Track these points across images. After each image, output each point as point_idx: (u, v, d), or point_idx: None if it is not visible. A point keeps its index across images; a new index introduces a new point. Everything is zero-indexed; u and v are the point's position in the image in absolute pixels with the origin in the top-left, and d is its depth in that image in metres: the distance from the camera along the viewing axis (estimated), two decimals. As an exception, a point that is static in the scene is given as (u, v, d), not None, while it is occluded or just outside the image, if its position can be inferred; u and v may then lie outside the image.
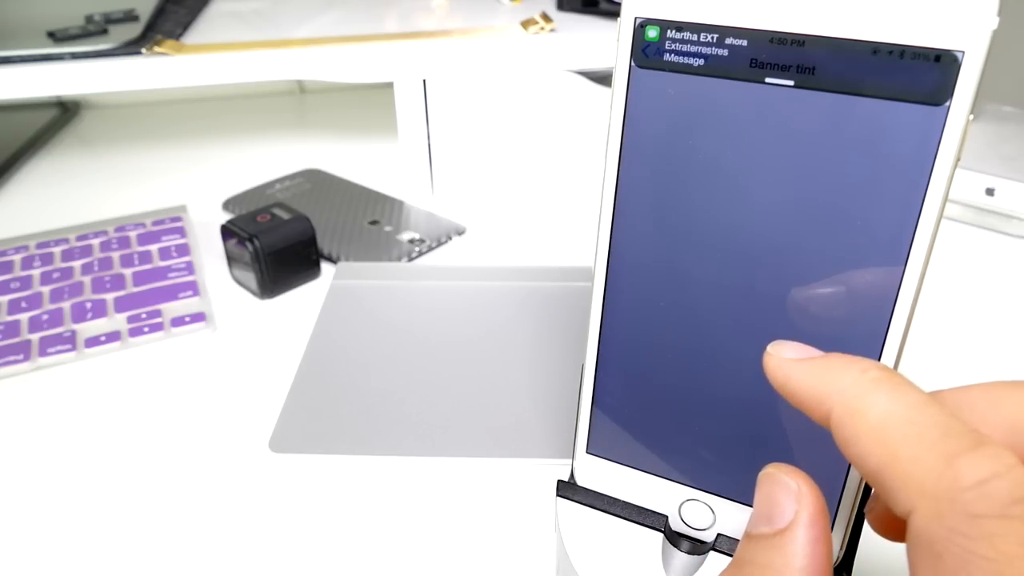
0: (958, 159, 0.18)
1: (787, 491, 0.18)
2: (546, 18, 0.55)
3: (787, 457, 0.22)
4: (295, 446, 0.34)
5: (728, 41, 0.19)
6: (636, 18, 0.20)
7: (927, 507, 0.14)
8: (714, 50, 0.19)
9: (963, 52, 0.17)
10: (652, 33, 0.20)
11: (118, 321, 0.43)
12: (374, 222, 0.53)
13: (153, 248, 0.49)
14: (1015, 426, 0.17)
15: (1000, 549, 0.13)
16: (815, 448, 0.21)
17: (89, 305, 0.44)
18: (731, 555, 0.23)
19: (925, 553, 0.14)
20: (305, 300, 0.46)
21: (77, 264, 0.47)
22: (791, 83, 0.19)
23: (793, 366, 0.17)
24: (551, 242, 0.51)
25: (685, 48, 0.20)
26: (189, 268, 0.47)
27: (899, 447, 0.15)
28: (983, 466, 0.13)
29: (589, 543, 0.24)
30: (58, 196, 0.59)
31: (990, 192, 0.50)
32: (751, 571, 0.18)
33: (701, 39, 0.19)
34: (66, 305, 0.44)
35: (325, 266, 0.49)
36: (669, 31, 0.20)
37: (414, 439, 0.34)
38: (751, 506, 0.23)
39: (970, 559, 0.13)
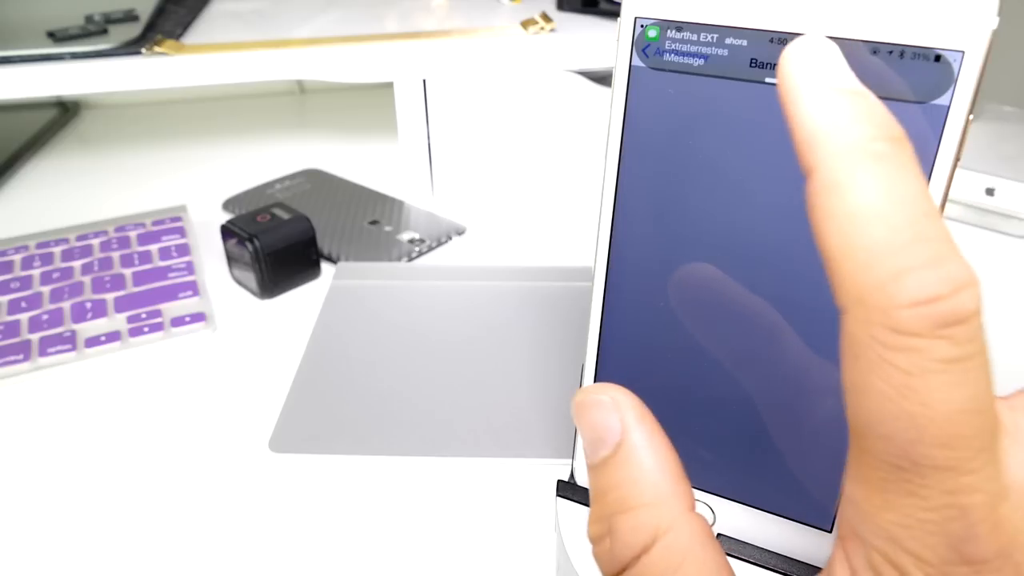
0: (958, 159, 0.18)
1: (603, 407, 0.18)
2: (546, 18, 0.55)
3: (787, 457, 0.22)
4: (295, 446, 0.34)
5: (728, 41, 0.19)
6: (636, 18, 0.20)
7: (859, 313, 0.14)
8: (714, 50, 0.19)
9: (963, 52, 0.17)
10: (652, 33, 0.20)
11: (118, 321, 0.43)
12: (374, 222, 0.53)
13: (153, 248, 0.49)
14: None
15: (915, 362, 0.13)
16: (815, 448, 0.21)
17: (89, 305, 0.44)
18: (732, 555, 0.23)
19: (846, 350, 0.14)
20: (305, 300, 0.46)
21: (77, 264, 0.47)
22: (791, 83, 0.19)
23: (806, 92, 0.15)
24: (551, 242, 0.51)
25: (685, 48, 0.20)
26: (189, 268, 0.47)
27: (859, 244, 0.14)
28: (929, 287, 0.13)
29: (589, 543, 0.24)
30: (58, 196, 0.59)
31: (990, 192, 0.50)
32: (612, 496, 0.17)
33: (701, 39, 0.19)
34: (66, 305, 0.44)
35: (325, 266, 0.49)
36: (669, 31, 0.20)
37: (414, 439, 0.34)
38: (752, 506, 0.23)
39: (882, 366, 0.13)
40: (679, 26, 0.20)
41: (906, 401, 0.13)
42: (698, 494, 0.24)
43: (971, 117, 0.18)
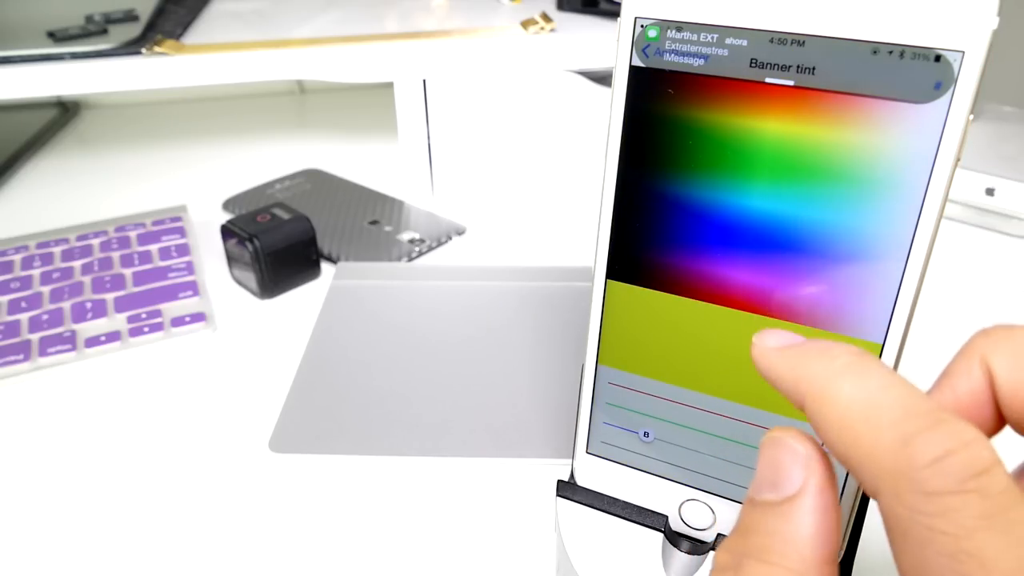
0: (958, 159, 0.18)
1: (795, 456, 0.17)
2: (546, 18, 0.55)
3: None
4: (295, 446, 0.34)
5: (728, 41, 0.19)
6: (636, 18, 0.20)
7: (888, 488, 0.14)
8: (714, 50, 0.19)
9: (963, 52, 0.17)
10: (652, 33, 0.20)
11: (118, 321, 0.43)
12: (374, 222, 0.53)
13: (153, 248, 0.49)
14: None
15: (958, 523, 0.13)
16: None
17: (89, 305, 0.44)
18: None
19: (894, 533, 0.14)
20: (305, 300, 0.46)
21: (77, 264, 0.47)
22: (791, 83, 0.19)
23: (774, 354, 0.17)
24: (551, 242, 0.51)
25: (685, 48, 0.20)
26: (189, 268, 0.47)
27: (861, 431, 0.15)
28: (939, 443, 0.14)
29: (589, 543, 0.24)
30: (58, 196, 0.59)
31: (990, 192, 0.50)
32: (757, 540, 0.17)
33: (701, 39, 0.19)
34: (66, 305, 0.44)
35: (325, 266, 0.49)
36: (669, 31, 0.20)
37: (414, 439, 0.34)
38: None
39: (931, 536, 0.13)
40: (679, 26, 0.20)
41: (964, 566, 0.13)
42: (698, 494, 0.24)
43: (971, 117, 0.18)
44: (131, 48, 0.52)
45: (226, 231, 0.45)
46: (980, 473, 0.13)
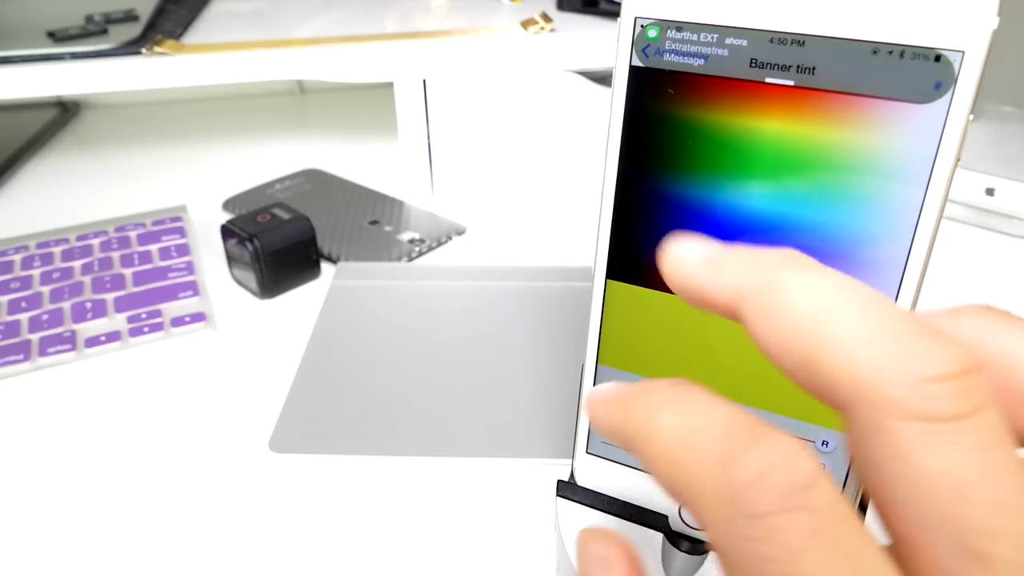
0: (958, 159, 0.18)
1: (595, 561, 0.17)
2: (546, 18, 0.55)
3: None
4: (295, 446, 0.34)
5: (728, 41, 0.19)
6: (636, 18, 0.20)
7: (713, 517, 0.13)
8: (714, 50, 0.19)
9: (963, 52, 0.17)
10: (652, 33, 0.20)
11: (118, 321, 0.43)
12: (374, 222, 0.53)
13: (153, 248, 0.49)
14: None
15: (784, 546, 0.12)
16: (815, 446, 0.21)
17: (89, 305, 0.44)
18: None
19: (726, 567, 0.13)
20: (305, 300, 0.46)
21: (77, 264, 0.47)
22: (791, 83, 0.19)
23: (601, 411, 0.16)
24: (551, 242, 0.51)
25: (685, 48, 0.20)
26: (189, 268, 0.47)
27: (682, 460, 0.13)
28: (757, 461, 0.12)
29: (589, 543, 0.24)
30: (58, 196, 0.59)
31: (990, 192, 0.50)
32: None
33: (701, 39, 0.19)
34: (66, 305, 0.44)
35: (325, 266, 0.49)
36: (669, 31, 0.20)
37: (414, 439, 0.34)
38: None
39: (761, 564, 0.12)
40: (679, 26, 0.20)
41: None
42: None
43: (971, 117, 0.18)
44: (131, 48, 0.52)
45: (226, 231, 0.45)
46: (802, 487, 0.12)
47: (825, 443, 0.22)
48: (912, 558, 0.13)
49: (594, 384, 0.24)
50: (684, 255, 0.16)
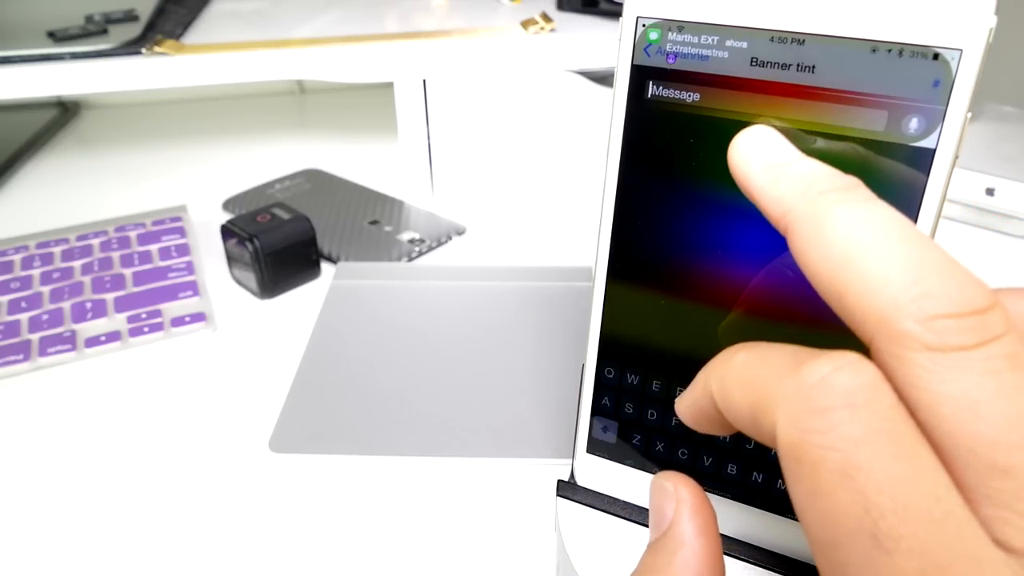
0: (956, 157, 0.18)
1: (665, 494, 0.18)
2: (546, 18, 0.55)
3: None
4: (295, 446, 0.34)
5: (729, 41, 0.19)
6: (638, 18, 0.20)
7: (783, 417, 0.14)
8: (715, 50, 0.19)
9: (961, 50, 0.17)
10: (654, 33, 0.20)
11: (118, 321, 0.43)
12: (374, 222, 0.53)
13: (153, 248, 0.49)
14: None
15: (846, 437, 0.13)
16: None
17: (89, 305, 0.44)
18: (731, 555, 0.23)
19: (788, 463, 0.14)
20: (305, 300, 0.46)
21: (77, 264, 0.47)
22: (791, 81, 0.19)
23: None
24: (551, 242, 0.51)
25: (686, 47, 0.20)
26: (189, 268, 0.47)
27: (756, 383, 0.15)
28: (824, 364, 0.13)
29: (589, 543, 0.24)
30: (58, 196, 0.59)
31: (990, 192, 0.50)
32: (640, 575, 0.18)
33: (702, 39, 0.20)
34: (66, 305, 0.44)
35: (325, 266, 0.49)
36: (671, 31, 0.20)
37: (414, 439, 0.34)
38: (751, 505, 0.23)
39: (822, 455, 0.13)
40: (680, 26, 0.20)
41: (854, 482, 0.13)
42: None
43: (969, 116, 0.18)
44: (131, 48, 0.52)
45: (226, 231, 0.45)
46: (865, 387, 0.13)
47: None
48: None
49: (594, 384, 0.24)
50: (752, 151, 0.17)
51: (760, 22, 0.19)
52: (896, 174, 0.19)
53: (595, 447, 0.25)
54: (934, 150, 0.18)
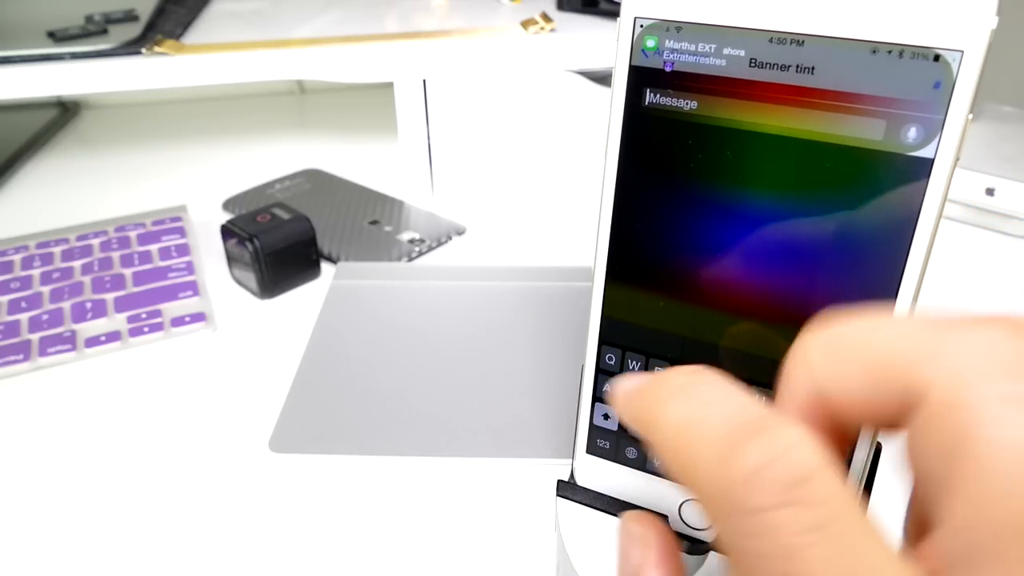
0: (957, 159, 0.18)
1: (632, 539, 0.18)
2: (546, 18, 0.55)
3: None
4: (295, 446, 0.34)
5: (728, 41, 0.19)
6: (636, 18, 0.20)
7: (714, 511, 0.13)
8: (714, 50, 0.19)
9: (962, 52, 0.17)
10: (651, 35, 0.20)
11: (118, 321, 0.43)
12: (374, 222, 0.53)
13: (153, 248, 0.49)
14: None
15: (781, 543, 0.11)
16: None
17: (89, 305, 0.44)
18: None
19: (729, 562, 0.12)
20: (305, 300, 0.46)
21: (77, 264, 0.47)
22: (790, 83, 0.19)
23: (621, 402, 0.16)
24: (551, 242, 0.51)
25: (685, 48, 0.20)
26: (189, 268, 0.47)
27: (685, 452, 0.14)
28: (756, 454, 0.12)
29: (589, 543, 0.24)
30: (58, 196, 0.59)
31: (990, 192, 0.50)
32: None
33: (701, 39, 0.19)
34: (66, 305, 0.44)
35: (325, 266, 0.49)
36: (669, 31, 0.20)
37: (414, 439, 0.34)
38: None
39: (758, 562, 0.12)
40: (679, 26, 0.20)
41: None
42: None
43: (970, 117, 0.18)
44: (131, 48, 0.52)
45: (226, 231, 0.45)
46: (801, 481, 0.12)
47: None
48: None
49: (594, 385, 0.24)
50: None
51: (759, 23, 0.19)
52: (897, 176, 0.19)
53: (595, 447, 0.25)
54: (935, 152, 0.18)
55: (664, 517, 0.24)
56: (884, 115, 0.18)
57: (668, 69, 0.20)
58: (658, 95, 0.20)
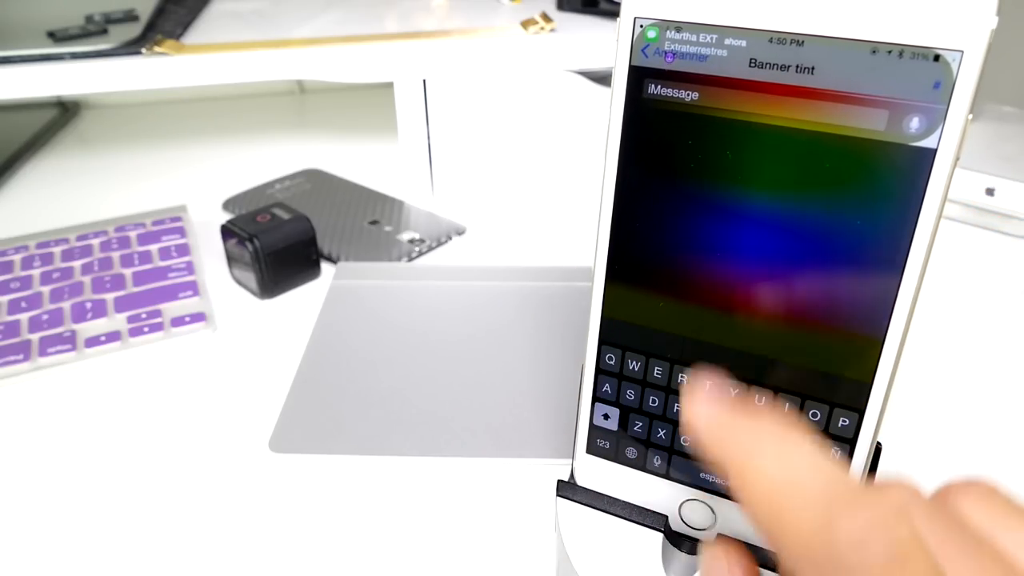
0: (957, 159, 0.18)
1: (719, 569, 0.18)
2: (546, 18, 0.55)
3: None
4: (295, 446, 0.34)
5: (727, 41, 0.19)
6: (636, 18, 0.20)
7: (810, 568, 0.14)
8: (713, 50, 0.19)
9: (962, 52, 0.17)
10: (652, 33, 0.20)
11: (118, 321, 0.43)
12: (374, 222, 0.53)
13: (153, 248, 0.49)
14: None
15: None
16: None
17: (89, 305, 0.44)
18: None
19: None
20: (305, 300, 0.46)
21: (77, 264, 0.47)
22: (790, 83, 0.19)
23: (706, 435, 0.17)
24: (551, 242, 0.51)
25: (685, 48, 0.20)
26: (189, 268, 0.47)
27: (783, 509, 0.14)
28: (861, 522, 0.13)
29: (589, 543, 0.24)
30: (58, 196, 0.59)
31: (990, 192, 0.50)
32: None
33: (700, 39, 0.19)
34: (66, 305, 0.44)
35: (325, 266, 0.49)
36: (669, 31, 0.20)
37: (414, 439, 0.34)
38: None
39: None
40: (678, 26, 0.20)
41: None
42: (698, 494, 0.24)
43: (970, 116, 0.18)
44: (131, 48, 0.52)
45: (226, 231, 0.45)
46: (904, 550, 0.13)
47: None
48: None
49: (594, 385, 0.24)
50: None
51: (759, 23, 0.19)
52: (897, 176, 0.19)
53: (595, 441, 0.25)
54: (935, 152, 0.18)
55: (664, 517, 0.24)
56: (884, 112, 0.18)
57: (668, 70, 0.20)
58: (658, 95, 0.20)
